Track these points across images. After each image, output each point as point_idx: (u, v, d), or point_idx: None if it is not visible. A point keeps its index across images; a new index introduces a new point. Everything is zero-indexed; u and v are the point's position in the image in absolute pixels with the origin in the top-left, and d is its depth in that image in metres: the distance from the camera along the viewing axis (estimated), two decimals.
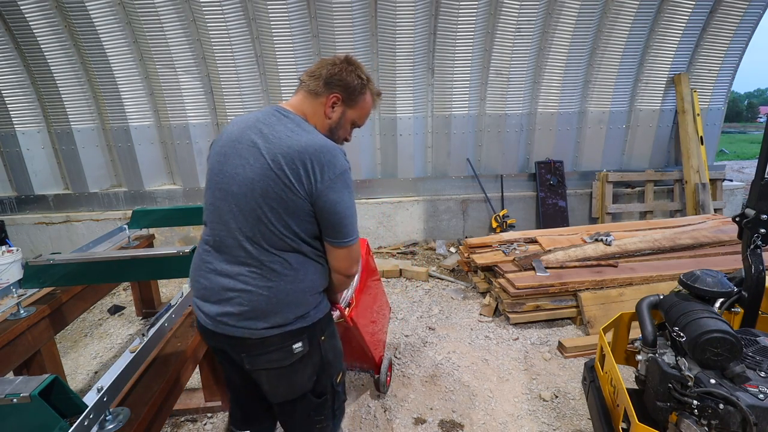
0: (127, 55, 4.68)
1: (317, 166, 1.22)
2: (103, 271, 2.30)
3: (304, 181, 1.22)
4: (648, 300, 1.82)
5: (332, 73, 1.35)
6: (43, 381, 1.16)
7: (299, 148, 1.22)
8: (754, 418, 1.31)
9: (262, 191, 1.23)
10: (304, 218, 1.27)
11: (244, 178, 1.25)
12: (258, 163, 1.23)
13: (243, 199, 1.25)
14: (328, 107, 1.37)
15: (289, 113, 1.33)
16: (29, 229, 5.06)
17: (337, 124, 1.40)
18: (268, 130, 1.27)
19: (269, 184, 1.22)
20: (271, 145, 1.24)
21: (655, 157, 5.54)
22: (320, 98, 1.35)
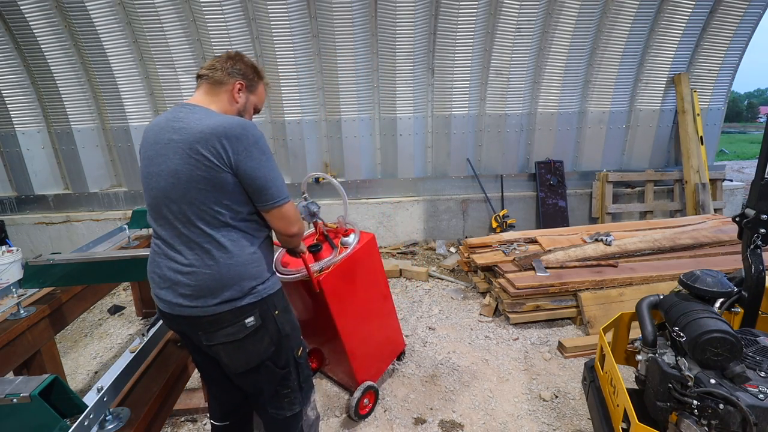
0: (127, 55, 4.68)
1: (231, 140, 1.35)
2: (103, 271, 2.30)
3: (223, 156, 1.35)
4: (648, 300, 1.82)
5: (232, 65, 1.53)
6: (43, 381, 1.16)
7: (210, 129, 1.35)
8: (754, 418, 1.31)
9: (187, 177, 1.36)
10: (232, 190, 1.39)
11: (168, 171, 1.38)
12: (178, 155, 1.36)
13: (172, 189, 1.38)
14: (235, 93, 1.53)
15: (195, 106, 1.46)
16: (29, 229, 5.06)
17: (243, 108, 1.58)
18: (180, 125, 1.39)
19: (192, 169, 1.35)
20: (186, 136, 1.36)
21: (655, 157, 5.54)
22: (225, 86, 1.51)
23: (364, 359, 2.39)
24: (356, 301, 2.29)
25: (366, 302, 2.38)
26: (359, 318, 2.32)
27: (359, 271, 2.30)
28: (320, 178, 5.23)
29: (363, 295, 2.35)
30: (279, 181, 1.45)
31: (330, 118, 5.12)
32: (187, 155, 1.35)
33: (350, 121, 5.10)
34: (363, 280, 2.34)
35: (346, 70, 4.86)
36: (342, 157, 5.24)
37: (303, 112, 5.02)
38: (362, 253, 2.30)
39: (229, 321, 1.44)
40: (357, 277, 2.28)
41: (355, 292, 2.28)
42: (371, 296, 2.44)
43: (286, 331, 1.58)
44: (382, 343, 2.57)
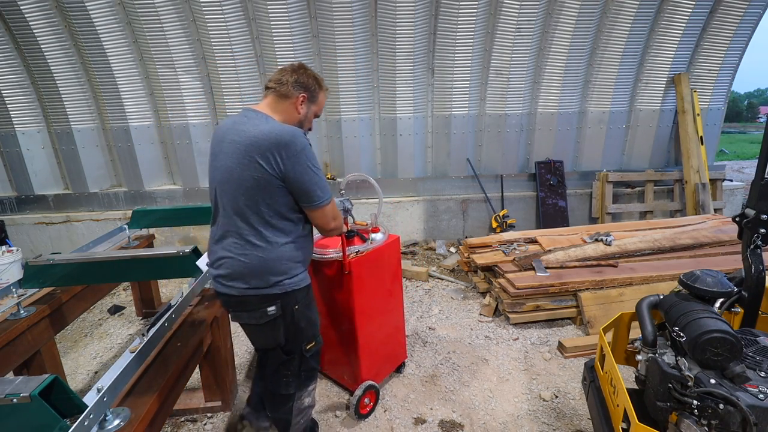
0: (127, 55, 4.68)
1: (281, 148, 1.52)
2: (103, 271, 2.29)
3: (272, 162, 1.52)
4: (648, 300, 1.82)
5: (296, 79, 1.69)
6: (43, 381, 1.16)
7: (263, 136, 1.53)
8: (754, 418, 1.31)
9: (239, 176, 1.55)
10: (276, 192, 1.56)
11: (224, 168, 1.59)
12: (235, 155, 1.55)
13: (226, 184, 1.59)
14: (298, 105, 1.70)
15: (258, 112, 1.64)
16: (29, 229, 5.06)
17: (305, 117, 1.75)
18: (241, 128, 1.58)
19: (244, 170, 1.54)
20: (244, 139, 1.54)
21: (655, 157, 5.54)
22: (290, 99, 1.69)
23: (370, 356, 2.42)
24: (374, 296, 2.37)
25: (382, 300, 2.45)
26: (374, 313, 2.38)
27: (382, 267, 2.40)
28: None
29: (381, 292, 2.43)
30: (322, 183, 1.63)
31: (330, 118, 5.12)
32: (242, 156, 1.54)
33: (350, 121, 5.10)
34: (383, 278, 2.43)
35: (346, 70, 4.86)
36: (342, 157, 5.24)
37: None
38: (387, 251, 2.42)
39: (254, 305, 1.64)
40: (380, 273, 2.38)
41: (375, 287, 2.37)
42: (387, 296, 2.50)
43: (301, 326, 1.74)
44: (387, 345, 2.60)
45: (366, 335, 2.33)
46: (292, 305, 1.68)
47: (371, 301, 2.34)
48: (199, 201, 5.22)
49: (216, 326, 2.29)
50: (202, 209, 3.60)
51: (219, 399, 2.44)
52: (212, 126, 5.09)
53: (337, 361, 2.52)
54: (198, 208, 3.65)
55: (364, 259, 2.23)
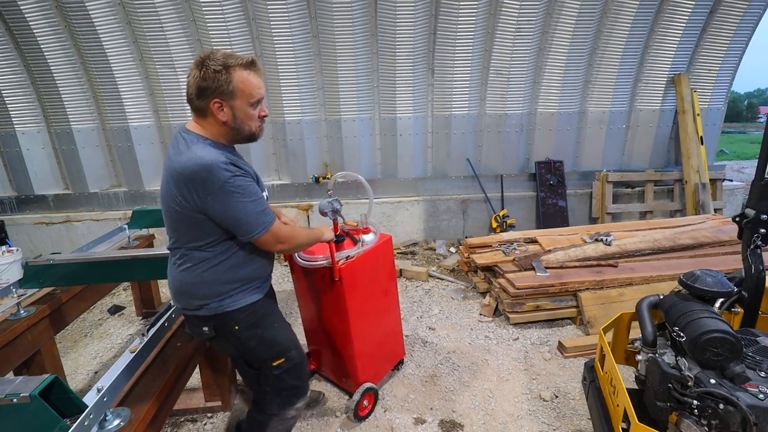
0: (127, 55, 4.68)
1: (197, 185, 1.40)
2: (103, 271, 2.30)
3: (189, 200, 1.43)
4: (648, 300, 1.82)
5: (196, 88, 1.43)
6: (43, 381, 1.16)
7: (180, 169, 1.41)
8: (754, 418, 1.31)
9: (166, 204, 1.51)
10: (199, 224, 1.49)
11: (161, 195, 1.55)
12: (164, 183, 1.51)
13: (163, 208, 1.57)
14: (218, 116, 1.47)
15: (188, 133, 1.50)
16: (29, 229, 5.06)
17: (235, 121, 1.50)
18: (170, 153, 1.50)
19: (169, 200, 1.48)
20: (169, 169, 1.47)
21: (655, 157, 5.54)
22: (206, 112, 1.47)
23: (367, 358, 2.39)
24: (368, 298, 2.32)
25: (377, 301, 2.41)
26: (369, 315, 2.34)
27: (375, 270, 2.34)
28: (320, 177, 5.24)
29: (375, 294, 2.38)
30: (252, 216, 1.47)
31: (330, 118, 5.12)
32: (167, 185, 1.48)
33: (350, 121, 5.10)
34: (377, 279, 2.37)
35: (346, 70, 4.86)
36: (342, 157, 5.24)
37: (303, 112, 5.02)
38: (380, 252, 2.35)
39: (192, 322, 1.67)
40: (372, 275, 2.32)
41: (369, 289, 2.32)
42: (382, 296, 2.46)
43: (251, 346, 1.66)
44: (385, 345, 2.58)
45: (362, 339, 2.29)
46: (229, 326, 1.61)
47: (365, 304, 2.29)
48: None
49: None
50: None
51: (219, 399, 2.44)
52: None
53: (335, 365, 2.51)
54: None
55: (356, 263, 2.15)
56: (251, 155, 5.10)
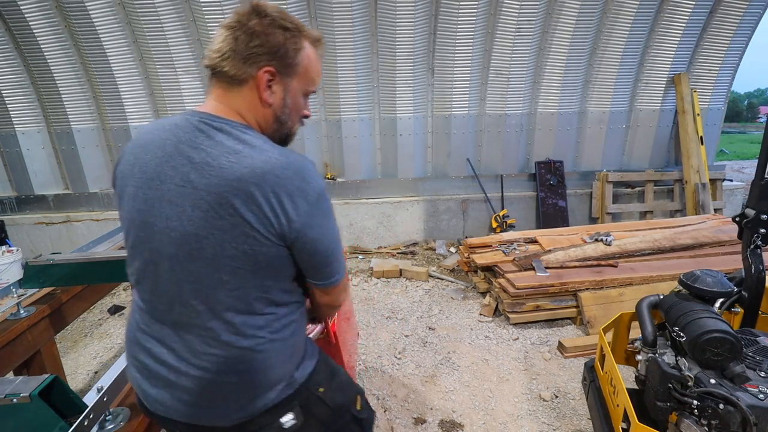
0: (127, 55, 4.68)
1: (285, 197, 0.88)
2: (103, 271, 2.29)
3: (273, 222, 0.88)
4: (648, 300, 1.82)
5: (248, 41, 0.92)
6: (43, 381, 1.16)
7: (254, 177, 0.86)
8: (754, 418, 1.31)
9: (215, 249, 0.89)
10: (282, 268, 0.96)
11: (184, 235, 0.89)
12: (200, 211, 0.87)
13: (188, 263, 0.90)
14: (263, 91, 0.95)
15: (222, 122, 0.93)
16: (29, 229, 5.06)
17: (283, 108, 1.00)
18: (201, 157, 0.88)
19: (224, 237, 0.88)
20: (212, 180, 0.86)
21: (655, 157, 5.54)
22: (247, 84, 0.95)
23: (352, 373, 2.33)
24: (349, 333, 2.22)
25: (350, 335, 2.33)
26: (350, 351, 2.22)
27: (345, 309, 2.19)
28: None
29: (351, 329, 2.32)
30: (340, 250, 1.04)
31: (330, 118, 5.12)
32: (216, 214, 0.87)
33: (350, 121, 5.10)
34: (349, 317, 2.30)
35: (346, 70, 4.86)
36: (342, 157, 5.24)
37: None
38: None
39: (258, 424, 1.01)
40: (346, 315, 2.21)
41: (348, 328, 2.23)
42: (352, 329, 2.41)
43: (338, 402, 1.14)
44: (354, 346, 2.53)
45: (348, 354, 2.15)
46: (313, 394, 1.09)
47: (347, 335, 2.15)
48: None
49: None
50: None
51: None
52: None
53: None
54: None
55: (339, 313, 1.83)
56: None
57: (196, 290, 0.92)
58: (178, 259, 0.91)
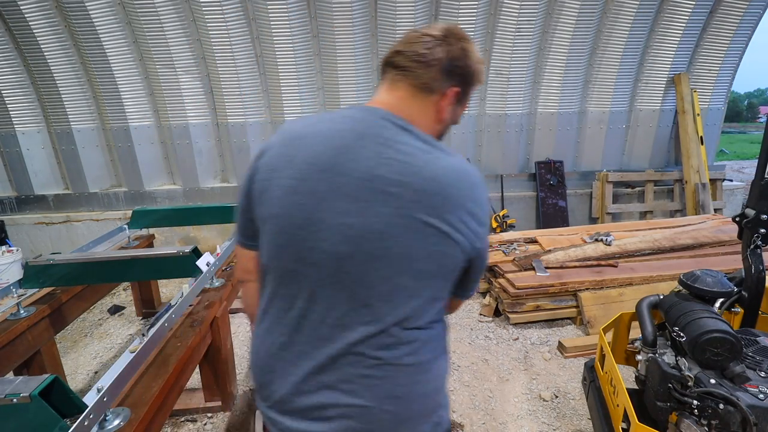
0: (127, 55, 4.68)
1: (475, 206, 0.86)
2: (103, 271, 2.30)
3: (463, 229, 0.84)
4: (648, 300, 1.82)
5: (454, 57, 0.92)
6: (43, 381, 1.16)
7: (450, 179, 0.83)
8: (754, 418, 1.31)
9: (402, 249, 0.81)
10: (453, 279, 0.90)
11: (365, 232, 0.81)
12: (390, 208, 0.80)
13: (367, 263, 0.82)
14: (445, 107, 0.94)
15: (404, 122, 0.88)
16: (29, 229, 5.06)
17: (447, 125, 0.99)
18: (391, 153, 0.83)
19: (415, 237, 0.81)
20: (405, 178, 0.81)
21: (655, 157, 5.54)
22: (433, 95, 0.92)
23: None
24: None
25: None
26: None
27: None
28: None
29: None
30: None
31: None
32: (409, 214, 0.80)
33: None
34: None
35: (346, 70, 4.86)
36: None
37: (303, 112, 5.02)
38: None
39: None
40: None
41: None
42: None
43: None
44: None
45: None
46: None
47: None
48: (199, 201, 5.22)
49: (216, 326, 2.29)
50: (202, 209, 3.61)
51: (219, 399, 2.44)
52: (212, 126, 5.08)
53: None
54: (198, 208, 3.66)
55: None
56: (251, 155, 5.10)
57: (369, 295, 0.83)
58: (354, 258, 0.81)
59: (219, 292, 2.45)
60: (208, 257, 2.39)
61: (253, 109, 5.00)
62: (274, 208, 0.86)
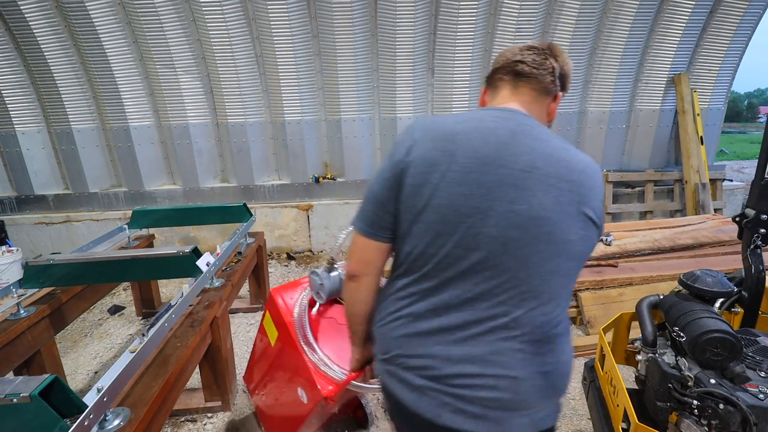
0: (127, 55, 4.68)
1: (603, 196, 1.01)
2: (103, 271, 2.30)
3: (600, 216, 0.98)
4: (648, 300, 1.82)
5: (562, 66, 1.09)
6: (43, 381, 1.16)
7: (592, 173, 0.98)
8: (754, 418, 1.31)
9: (562, 234, 0.92)
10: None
11: (532, 218, 0.90)
12: (551, 196, 0.91)
13: (531, 246, 0.91)
14: (554, 108, 1.11)
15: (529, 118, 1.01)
16: (29, 229, 5.06)
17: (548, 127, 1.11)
18: (542, 147, 0.94)
19: (571, 223, 0.93)
20: (560, 170, 0.93)
21: (655, 157, 5.54)
22: (548, 98, 1.08)
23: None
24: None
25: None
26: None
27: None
28: (320, 177, 5.24)
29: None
30: None
31: (330, 118, 5.12)
32: (567, 200, 0.92)
33: (350, 121, 5.10)
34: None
35: (346, 70, 4.86)
36: (342, 157, 5.24)
37: (303, 112, 5.02)
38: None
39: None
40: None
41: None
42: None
43: None
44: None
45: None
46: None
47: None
48: (199, 201, 5.22)
49: (216, 326, 2.29)
50: (202, 209, 3.61)
51: (219, 399, 2.44)
52: (212, 126, 5.08)
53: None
54: (198, 208, 3.66)
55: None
56: (251, 155, 5.11)
57: (531, 276, 0.92)
58: (520, 242, 0.91)
59: (219, 292, 2.45)
60: (208, 257, 2.39)
61: (253, 109, 5.00)
62: (436, 199, 0.92)
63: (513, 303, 0.93)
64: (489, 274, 0.92)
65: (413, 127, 1.01)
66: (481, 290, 0.93)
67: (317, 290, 1.53)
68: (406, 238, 0.99)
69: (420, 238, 0.96)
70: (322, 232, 5.24)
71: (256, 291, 3.75)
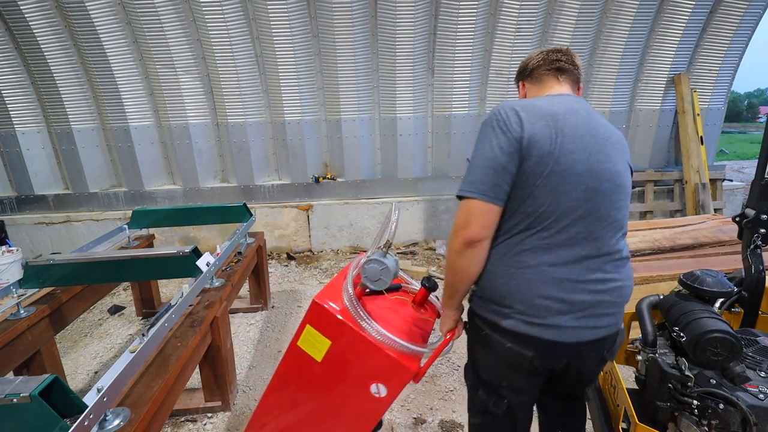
0: (127, 55, 4.68)
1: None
2: (103, 271, 2.30)
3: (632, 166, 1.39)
4: (648, 300, 1.82)
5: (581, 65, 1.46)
6: (43, 381, 1.16)
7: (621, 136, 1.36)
8: (754, 418, 1.31)
9: (627, 182, 1.32)
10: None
11: (615, 173, 1.27)
12: (618, 156, 1.30)
13: (616, 193, 1.27)
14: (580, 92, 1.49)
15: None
16: (29, 229, 5.06)
17: None
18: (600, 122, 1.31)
19: (627, 174, 1.33)
20: (617, 138, 1.33)
21: (655, 157, 5.54)
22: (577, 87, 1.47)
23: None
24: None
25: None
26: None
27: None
28: (320, 177, 5.24)
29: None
30: None
31: (330, 118, 5.12)
32: (623, 158, 1.32)
33: (350, 121, 5.10)
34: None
35: (346, 70, 4.86)
36: (342, 157, 5.24)
37: (303, 112, 5.02)
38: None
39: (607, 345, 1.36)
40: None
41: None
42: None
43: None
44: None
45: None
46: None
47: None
48: (199, 201, 5.22)
49: (216, 326, 2.29)
50: (202, 209, 3.60)
51: (219, 399, 2.45)
52: (212, 126, 5.08)
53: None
54: (198, 208, 3.65)
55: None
56: (251, 155, 5.11)
57: (618, 216, 1.27)
58: (612, 191, 1.25)
59: (219, 292, 2.45)
60: (208, 257, 2.39)
61: (253, 109, 5.00)
62: (558, 165, 1.19)
63: (609, 236, 1.25)
64: (593, 218, 1.22)
65: (511, 107, 1.24)
66: (588, 231, 1.22)
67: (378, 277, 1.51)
68: (527, 200, 1.20)
69: (543, 198, 1.19)
70: (322, 232, 5.24)
71: (256, 291, 3.75)
